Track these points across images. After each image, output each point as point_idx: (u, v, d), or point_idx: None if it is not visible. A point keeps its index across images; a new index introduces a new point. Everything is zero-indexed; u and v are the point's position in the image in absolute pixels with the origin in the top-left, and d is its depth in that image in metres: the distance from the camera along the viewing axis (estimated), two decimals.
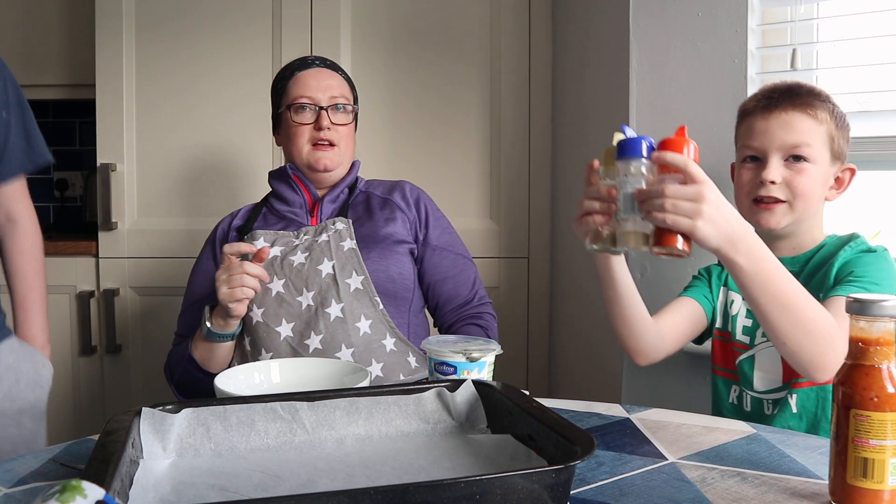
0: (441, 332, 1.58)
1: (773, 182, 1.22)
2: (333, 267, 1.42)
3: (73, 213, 2.70)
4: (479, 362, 1.05)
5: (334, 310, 1.39)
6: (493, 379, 1.06)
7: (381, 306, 1.42)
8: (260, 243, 1.47)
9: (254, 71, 2.18)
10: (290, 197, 1.56)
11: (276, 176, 1.59)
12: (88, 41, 2.20)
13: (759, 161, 1.26)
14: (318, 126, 1.52)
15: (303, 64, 1.58)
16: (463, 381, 0.96)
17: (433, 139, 2.20)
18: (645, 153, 0.96)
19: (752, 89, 1.61)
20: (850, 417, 0.79)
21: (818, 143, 1.22)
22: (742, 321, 1.31)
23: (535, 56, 2.19)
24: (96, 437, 0.86)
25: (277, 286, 1.42)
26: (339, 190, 1.56)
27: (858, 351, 0.80)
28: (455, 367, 1.05)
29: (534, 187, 2.21)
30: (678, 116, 1.67)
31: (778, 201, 1.24)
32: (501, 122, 2.21)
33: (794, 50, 1.58)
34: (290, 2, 2.17)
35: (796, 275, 1.23)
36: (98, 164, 2.17)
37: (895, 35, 1.49)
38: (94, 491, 0.60)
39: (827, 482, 0.83)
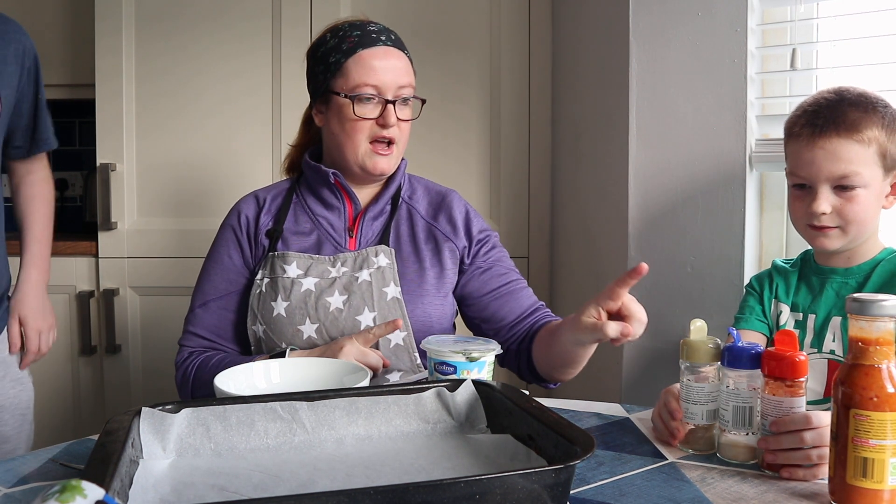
0: (518, 346, 1.37)
1: (823, 213, 1.22)
2: (374, 320, 1.28)
3: (73, 213, 2.69)
4: (478, 362, 1.05)
5: None
6: (492, 379, 1.06)
7: (418, 360, 1.30)
8: (292, 269, 1.32)
9: (253, 71, 2.17)
10: (328, 200, 1.38)
11: (314, 171, 1.38)
12: (88, 41, 2.19)
13: (809, 188, 1.24)
14: (382, 122, 1.32)
15: (366, 38, 1.34)
16: (463, 380, 0.96)
17: (433, 139, 2.20)
18: (753, 363, 0.93)
19: (752, 89, 1.61)
20: (849, 417, 0.79)
21: (867, 166, 1.20)
22: None
23: (535, 56, 2.19)
24: (96, 437, 0.86)
25: (309, 330, 1.28)
26: (382, 202, 1.39)
27: (858, 351, 0.80)
28: (455, 367, 1.05)
29: (534, 187, 2.21)
30: (678, 116, 1.67)
31: (831, 227, 1.23)
32: (501, 121, 2.20)
33: (793, 50, 1.58)
34: (290, 1, 2.17)
35: (857, 287, 1.24)
36: (98, 164, 2.17)
37: (895, 35, 1.49)
38: (93, 491, 0.60)
39: (827, 482, 0.83)
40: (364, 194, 1.41)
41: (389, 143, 1.34)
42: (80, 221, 2.60)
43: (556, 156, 2.18)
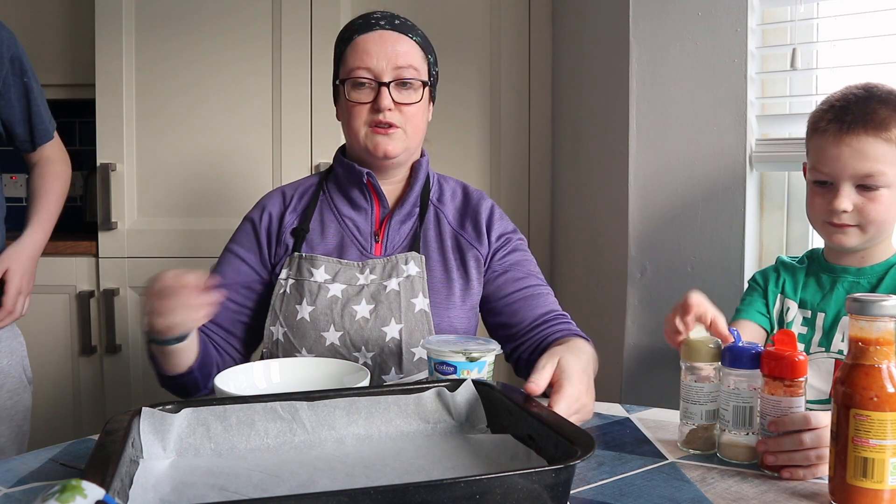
0: (528, 357, 1.31)
1: (844, 211, 1.21)
2: (401, 332, 1.25)
3: (73, 213, 2.69)
4: (479, 362, 1.05)
5: (392, 377, 1.25)
6: (492, 379, 1.06)
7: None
8: (320, 273, 1.28)
9: (254, 71, 2.18)
10: (357, 200, 1.35)
11: (348, 169, 1.34)
12: (88, 41, 2.19)
13: (831, 185, 1.23)
14: (376, 107, 1.28)
15: (365, 24, 1.31)
16: (463, 380, 0.96)
17: (433, 139, 2.19)
18: (753, 363, 0.93)
19: (752, 89, 1.61)
20: (850, 417, 0.79)
21: (893, 165, 1.19)
22: (797, 329, 1.29)
23: (535, 56, 2.19)
24: (96, 437, 0.86)
25: (333, 337, 1.25)
26: (409, 204, 1.35)
27: (858, 351, 0.80)
28: (455, 367, 1.05)
29: (534, 187, 2.21)
30: (678, 116, 1.67)
31: (850, 224, 1.22)
32: (501, 122, 2.20)
33: (793, 49, 1.58)
34: (290, 2, 2.17)
35: (869, 288, 1.23)
36: (98, 164, 2.17)
37: (895, 35, 1.49)
38: (94, 491, 0.60)
39: (827, 482, 0.83)
40: (390, 190, 1.37)
41: (391, 126, 1.29)
42: (80, 221, 2.60)
43: (556, 156, 2.18)
